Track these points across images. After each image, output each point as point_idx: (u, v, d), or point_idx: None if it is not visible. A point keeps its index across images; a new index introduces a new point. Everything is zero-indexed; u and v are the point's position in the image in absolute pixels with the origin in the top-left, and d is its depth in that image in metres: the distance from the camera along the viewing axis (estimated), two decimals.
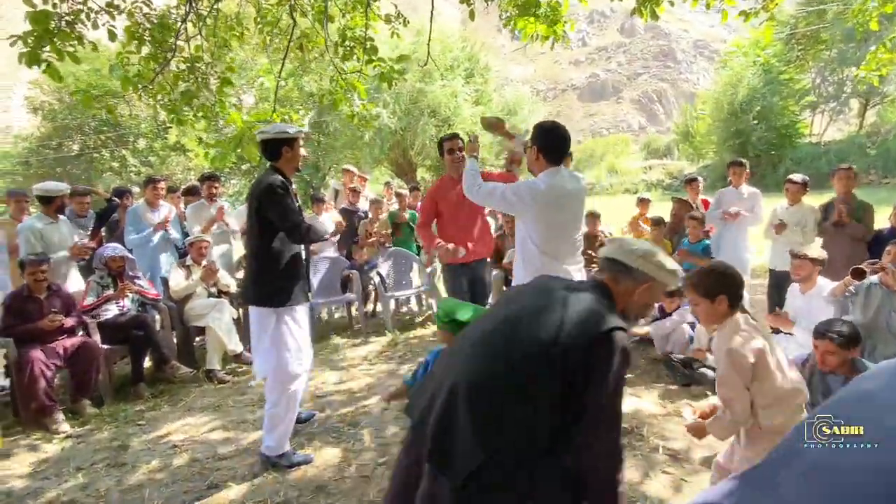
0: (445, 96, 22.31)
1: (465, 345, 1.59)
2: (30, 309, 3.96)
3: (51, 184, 4.74)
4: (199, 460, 3.18)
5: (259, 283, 2.91)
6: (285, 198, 2.83)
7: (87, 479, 3.05)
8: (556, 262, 2.81)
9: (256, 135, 3.12)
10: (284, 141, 2.95)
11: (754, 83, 22.22)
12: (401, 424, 3.46)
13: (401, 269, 6.44)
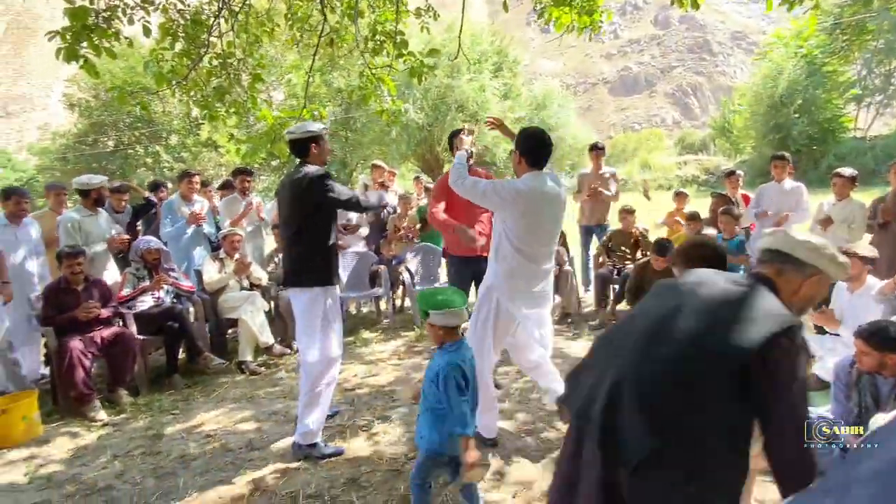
0: (473, 91, 22.23)
1: (627, 339, 1.55)
2: (67, 300, 4.09)
3: (89, 177, 4.89)
4: (233, 450, 3.25)
5: (308, 265, 3.08)
6: (334, 182, 3.07)
7: (123, 466, 3.14)
8: (532, 263, 2.91)
9: (285, 134, 3.25)
10: (312, 138, 3.12)
11: (796, 75, 21.48)
12: None
13: (429, 265, 6.45)
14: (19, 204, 4.55)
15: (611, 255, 5.66)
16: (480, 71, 22.76)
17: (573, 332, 5.28)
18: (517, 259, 2.88)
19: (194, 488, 2.83)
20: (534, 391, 3.79)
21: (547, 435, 3.25)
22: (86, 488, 2.93)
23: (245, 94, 5.07)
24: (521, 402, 3.73)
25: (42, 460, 3.30)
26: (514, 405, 3.68)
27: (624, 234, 5.62)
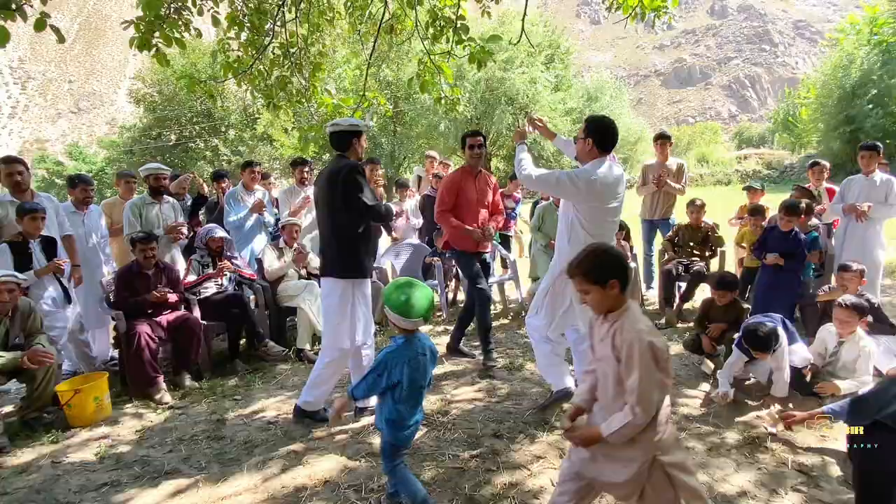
0: (524, 83, 21.87)
1: None
2: (138, 284, 4.18)
3: (152, 165, 4.99)
4: (294, 438, 3.21)
5: (343, 258, 3.21)
6: (366, 181, 3.17)
7: (188, 451, 3.15)
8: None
9: (327, 126, 3.33)
10: (355, 133, 3.26)
11: (869, 64, 20.03)
12: (490, 415, 3.34)
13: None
14: (85, 191, 4.68)
15: (678, 251, 5.35)
16: (533, 63, 22.31)
17: None
18: (589, 241, 2.89)
19: (260, 477, 2.80)
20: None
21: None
22: (153, 471, 2.94)
23: (306, 83, 5.05)
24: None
25: (111, 441, 3.36)
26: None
27: (693, 228, 5.29)
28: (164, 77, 26.71)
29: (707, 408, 3.39)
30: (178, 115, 26.83)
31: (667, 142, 5.92)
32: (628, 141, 31.88)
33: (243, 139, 25.85)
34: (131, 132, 28.92)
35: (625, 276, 1.81)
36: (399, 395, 2.26)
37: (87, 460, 3.13)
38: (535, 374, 4.02)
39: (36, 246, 3.93)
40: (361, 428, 3.29)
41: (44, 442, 3.37)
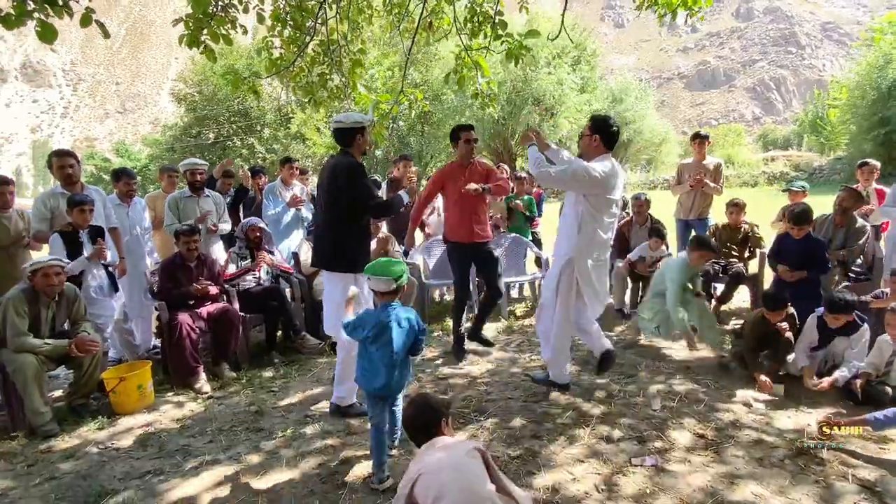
0: (551, 84, 21.49)
1: None
2: (181, 275, 4.14)
3: (189, 160, 4.96)
4: (331, 433, 3.12)
5: (342, 252, 3.20)
6: (366, 178, 3.23)
7: (227, 442, 3.08)
8: (605, 233, 3.30)
9: (332, 122, 3.31)
10: (359, 129, 3.24)
11: None
12: (528, 416, 3.19)
13: (515, 256, 6.14)
14: (128, 184, 4.67)
15: (715, 252, 5.09)
16: (559, 64, 21.93)
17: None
18: (597, 231, 3.25)
19: (298, 471, 2.70)
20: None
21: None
22: (195, 460, 2.88)
23: (346, 79, 4.97)
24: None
25: (154, 428, 3.32)
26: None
27: (732, 229, 5.03)
28: (204, 78, 27.10)
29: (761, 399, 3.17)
30: (216, 115, 27.20)
31: (704, 141, 5.67)
32: (653, 142, 31.09)
33: (277, 138, 26.07)
34: (173, 131, 29.46)
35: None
36: (368, 348, 2.62)
37: (131, 447, 3.09)
38: (572, 374, 3.85)
39: (85, 236, 3.92)
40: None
41: (90, 428, 3.35)
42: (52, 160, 4.02)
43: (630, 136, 29.86)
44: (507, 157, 24.16)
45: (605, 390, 3.56)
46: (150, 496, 2.57)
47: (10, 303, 3.30)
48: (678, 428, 3.00)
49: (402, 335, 2.61)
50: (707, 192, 5.55)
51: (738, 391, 3.50)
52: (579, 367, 4.01)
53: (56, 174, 4.04)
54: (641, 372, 3.86)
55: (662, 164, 30.79)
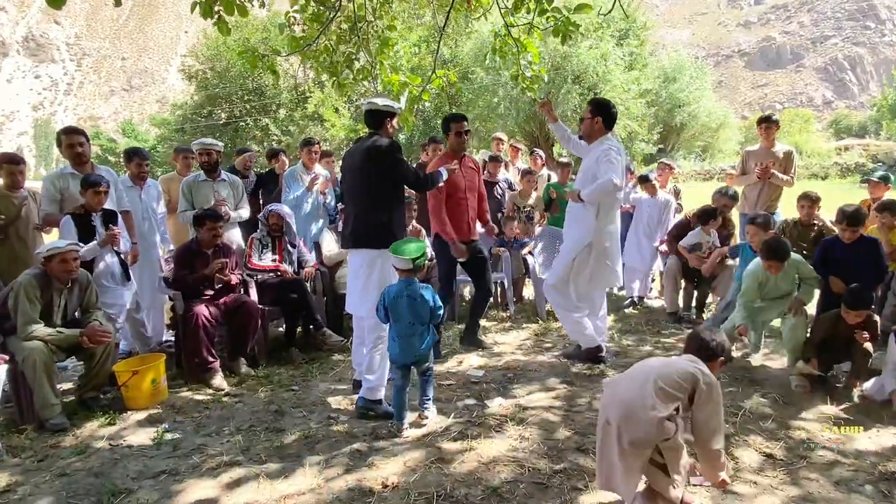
0: (594, 59, 21.12)
1: None
2: (197, 263, 4.24)
3: (202, 140, 5.05)
4: (356, 436, 3.15)
5: (372, 229, 3.43)
6: (403, 160, 3.50)
7: (246, 442, 3.15)
8: (616, 216, 4.14)
9: (365, 103, 3.58)
10: (389, 113, 3.53)
11: None
12: (571, 427, 3.17)
13: (555, 251, 6.09)
14: (141, 166, 4.79)
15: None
16: (603, 37, 21.53)
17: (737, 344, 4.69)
18: (613, 213, 4.04)
19: (321, 478, 2.75)
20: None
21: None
22: (212, 461, 2.94)
23: (373, 59, 5.00)
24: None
25: (168, 426, 3.41)
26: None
27: (803, 225, 4.88)
28: (216, 53, 27.60)
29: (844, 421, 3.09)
30: (229, 93, 27.71)
31: (773, 125, 5.52)
32: (709, 127, 30.46)
33: (293, 118, 26.44)
34: (182, 110, 30.13)
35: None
36: (388, 319, 3.26)
37: (144, 445, 3.18)
38: None
39: (98, 219, 4.03)
40: (430, 431, 3.20)
41: (101, 423, 3.47)
42: (62, 138, 4.14)
43: (684, 119, 29.34)
44: (542, 142, 23.96)
45: None
46: (166, 497, 2.64)
47: (22, 288, 3.42)
48: (743, 446, 2.95)
49: (416, 307, 3.18)
50: (776, 184, 5.40)
51: (811, 408, 3.41)
52: None
53: (65, 153, 4.17)
54: None
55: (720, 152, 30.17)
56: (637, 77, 23.38)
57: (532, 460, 2.84)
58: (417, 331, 3.21)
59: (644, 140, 25.37)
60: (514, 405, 3.51)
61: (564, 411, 3.40)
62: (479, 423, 3.26)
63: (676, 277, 5.21)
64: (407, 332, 3.20)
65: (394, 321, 3.22)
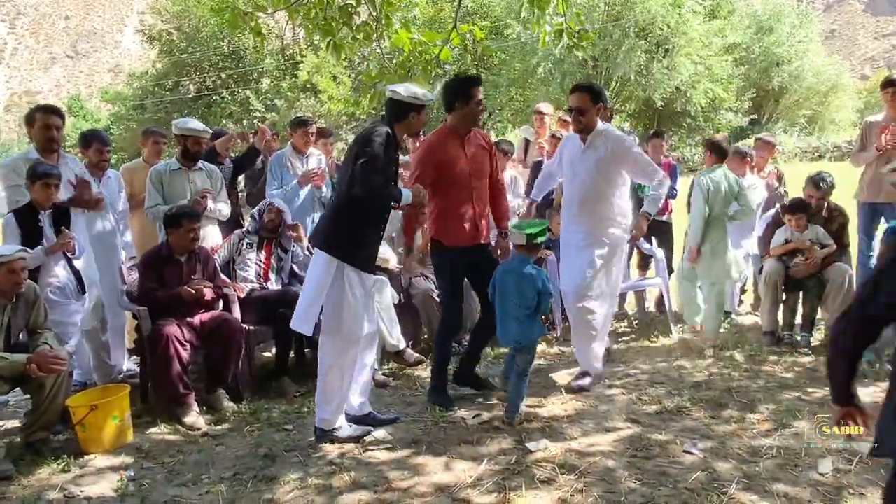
0: (663, 7, 21.05)
1: None
2: (168, 273, 4.40)
3: (191, 123, 5.23)
4: (365, 485, 3.25)
5: (335, 229, 3.61)
6: (378, 154, 3.51)
7: (231, 494, 3.27)
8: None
9: (388, 90, 3.72)
10: (416, 107, 3.66)
11: None
12: (637, 475, 3.23)
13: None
14: (101, 153, 4.98)
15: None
16: None
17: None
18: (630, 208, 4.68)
19: None
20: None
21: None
22: None
23: (377, 13, 5.11)
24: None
25: (133, 473, 3.55)
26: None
27: None
28: (184, 9, 28.17)
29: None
30: (200, 60, 28.27)
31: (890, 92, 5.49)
32: (817, 91, 29.98)
33: (281, 90, 26.83)
34: (142, 81, 30.80)
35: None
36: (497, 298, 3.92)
37: (106, 496, 3.33)
38: (699, 420, 3.87)
39: (46, 219, 4.19)
40: (456, 481, 3.28)
41: (53, 469, 3.62)
42: (36, 116, 4.33)
43: (783, 81, 29.00)
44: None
45: (748, 444, 3.54)
46: None
47: None
48: (857, 499, 2.98)
49: (523, 286, 3.78)
50: None
51: None
52: (710, 412, 4.00)
53: (36, 134, 4.34)
54: (803, 419, 3.81)
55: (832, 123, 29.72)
56: (721, 28, 23.25)
57: None
58: (520, 314, 3.80)
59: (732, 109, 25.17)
60: (564, 450, 3.57)
61: (629, 457, 3.46)
62: (518, 472, 3.33)
63: (777, 287, 5.21)
64: (511, 313, 3.83)
65: (499, 299, 3.87)
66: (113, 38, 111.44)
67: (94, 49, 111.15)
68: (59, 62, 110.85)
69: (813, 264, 5.06)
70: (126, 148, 24.03)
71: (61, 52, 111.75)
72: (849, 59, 68.61)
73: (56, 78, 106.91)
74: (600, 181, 4.32)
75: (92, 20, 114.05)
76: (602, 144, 4.28)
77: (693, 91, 22.38)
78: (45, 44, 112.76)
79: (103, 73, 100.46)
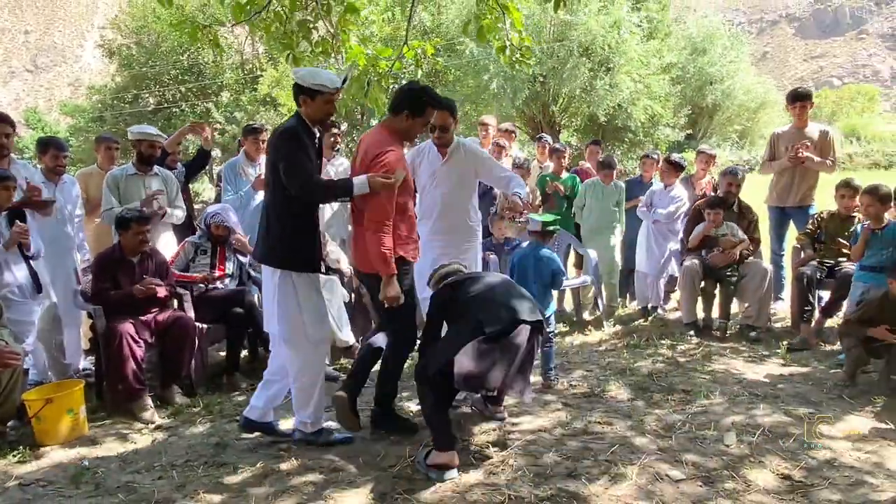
0: (603, 28, 21.63)
1: None
2: (120, 274, 4.44)
3: (145, 128, 5.28)
4: (312, 468, 3.35)
5: (270, 240, 3.46)
6: (298, 149, 3.30)
7: (182, 478, 3.33)
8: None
9: (292, 73, 3.57)
10: (319, 92, 3.34)
11: None
12: (562, 452, 3.39)
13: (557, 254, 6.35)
14: (57, 158, 4.99)
15: (819, 249, 5.27)
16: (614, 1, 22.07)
17: (758, 354, 4.97)
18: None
19: None
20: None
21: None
22: (139, 499, 3.13)
23: (333, 29, 5.24)
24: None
25: (89, 463, 3.59)
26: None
27: (842, 219, 5.19)
28: (143, 24, 27.81)
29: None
30: (159, 73, 27.92)
31: (806, 102, 5.84)
32: (747, 108, 31.08)
33: (240, 103, 26.64)
34: (101, 94, 30.24)
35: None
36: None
37: (61, 484, 3.35)
38: (620, 401, 4.07)
39: (2, 220, 4.21)
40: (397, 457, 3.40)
41: (9, 461, 3.63)
42: None
43: (717, 99, 29.93)
44: (546, 126, 24.38)
45: (663, 421, 3.75)
46: None
47: None
48: (757, 467, 3.18)
49: (540, 267, 4.28)
50: (811, 170, 5.70)
51: (842, 423, 3.67)
52: (632, 394, 4.21)
53: None
54: (714, 398, 4.05)
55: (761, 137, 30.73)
56: (658, 48, 23.93)
57: (515, 486, 3.06)
58: (540, 291, 4.22)
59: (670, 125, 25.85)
60: (498, 429, 3.73)
61: (555, 436, 3.62)
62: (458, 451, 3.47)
63: (695, 280, 5.47)
64: (530, 290, 3.94)
65: (518, 279, 4.13)
66: (73, 53, 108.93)
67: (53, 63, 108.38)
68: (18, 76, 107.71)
69: (729, 255, 5.33)
70: (84, 159, 23.53)
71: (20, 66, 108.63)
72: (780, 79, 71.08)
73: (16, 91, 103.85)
74: (461, 189, 4.44)
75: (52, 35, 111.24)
76: (460, 156, 4.39)
77: (633, 107, 22.96)
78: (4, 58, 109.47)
79: (63, 86, 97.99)
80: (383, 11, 20.85)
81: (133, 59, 28.29)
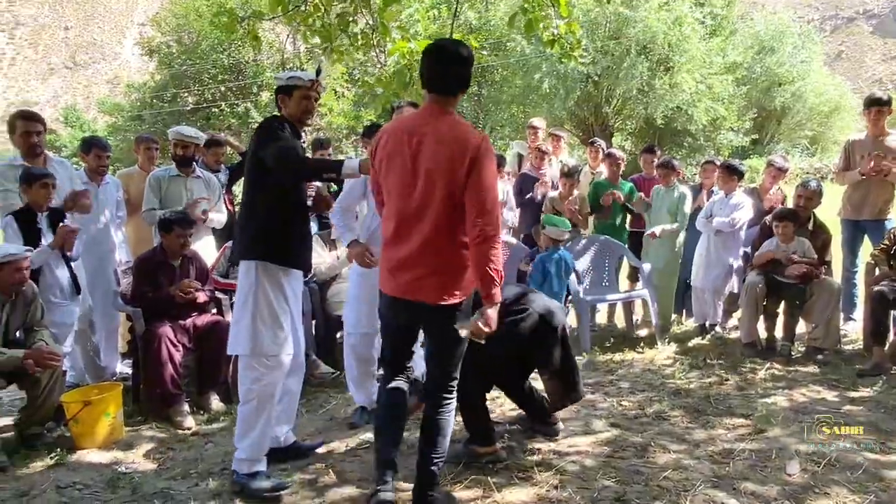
0: (664, 25, 21.40)
1: None
2: (161, 277, 4.59)
3: (182, 129, 5.45)
4: (350, 481, 3.42)
5: (245, 232, 3.37)
6: (281, 130, 3.31)
7: (218, 487, 3.44)
8: None
9: (274, 79, 3.62)
10: (282, 89, 3.44)
11: None
12: (611, 475, 3.40)
13: (604, 265, 6.33)
14: (100, 158, 5.19)
15: (895, 266, 5.14)
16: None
17: (826, 378, 4.85)
18: None
19: None
20: None
21: None
22: None
23: (374, 21, 5.33)
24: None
25: (126, 468, 3.73)
26: None
27: None
28: (184, 22, 28.62)
29: None
30: (199, 72, 28.66)
31: (883, 108, 5.70)
32: (818, 112, 30.27)
33: None
34: (140, 92, 31.20)
35: None
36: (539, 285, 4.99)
37: (98, 488, 3.50)
38: (674, 423, 4.05)
39: (44, 220, 4.40)
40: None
41: (46, 462, 3.80)
42: (17, 123, 4.54)
43: (786, 102, 29.29)
44: (598, 130, 24.20)
45: (720, 446, 3.72)
46: None
47: None
48: (822, 498, 3.15)
49: (558, 268, 5.11)
50: (887, 181, 5.57)
51: None
52: (687, 416, 4.18)
53: (17, 141, 4.56)
54: (776, 424, 3.99)
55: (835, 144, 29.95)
56: (722, 46, 23.57)
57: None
58: (557, 287, 5.09)
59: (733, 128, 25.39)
60: (545, 449, 3.75)
61: (605, 458, 3.63)
62: (497, 471, 3.51)
63: (758, 299, 5.39)
64: (552, 288, 5.02)
65: (539, 278, 5.05)
66: (112, 50, 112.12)
67: (92, 60, 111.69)
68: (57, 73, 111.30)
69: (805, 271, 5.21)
70: (122, 159, 24.26)
71: (60, 63, 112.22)
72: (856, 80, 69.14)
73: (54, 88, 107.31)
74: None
75: (91, 31, 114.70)
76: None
77: (694, 109, 22.61)
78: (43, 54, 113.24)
79: (101, 84, 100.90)
80: (428, 9, 21.06)
81: (173, 57, 29.12)
